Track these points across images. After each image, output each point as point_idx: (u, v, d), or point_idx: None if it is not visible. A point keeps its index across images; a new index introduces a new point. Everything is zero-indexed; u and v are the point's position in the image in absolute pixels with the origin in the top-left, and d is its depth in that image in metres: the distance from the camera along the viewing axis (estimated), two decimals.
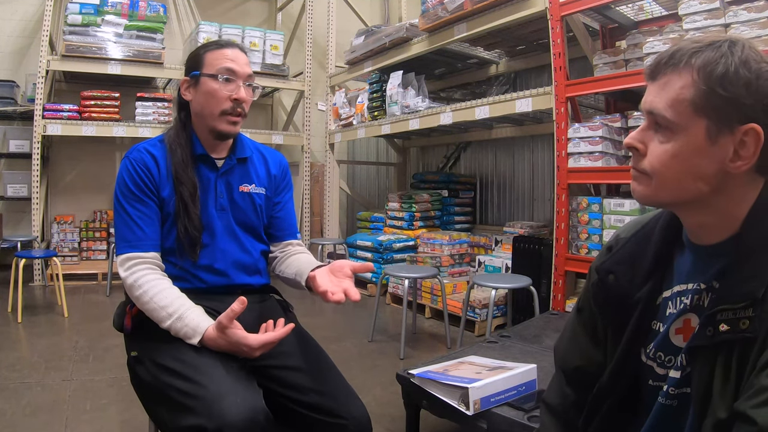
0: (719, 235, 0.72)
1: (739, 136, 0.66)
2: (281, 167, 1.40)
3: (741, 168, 0.67)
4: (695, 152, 0.68)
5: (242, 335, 1.04)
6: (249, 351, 1.05)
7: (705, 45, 0.68)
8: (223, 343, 1.05)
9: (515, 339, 2.03)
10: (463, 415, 1.34)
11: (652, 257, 0.79)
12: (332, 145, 4.98)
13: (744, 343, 0.65)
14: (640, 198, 0.75)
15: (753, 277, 0.66)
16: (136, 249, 1.15)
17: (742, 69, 0.65)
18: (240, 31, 4.66)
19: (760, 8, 2.10)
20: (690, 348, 0.71)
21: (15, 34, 4.61)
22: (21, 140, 4.43)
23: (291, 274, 1.29)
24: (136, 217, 1.17)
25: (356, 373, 2.39)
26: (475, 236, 4.00)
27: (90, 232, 4.71)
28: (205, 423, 0.93)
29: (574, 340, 0.91)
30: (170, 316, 1.08)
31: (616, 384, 0.80)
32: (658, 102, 0.70)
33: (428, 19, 3.45)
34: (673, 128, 0.69)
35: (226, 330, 1.04)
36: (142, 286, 1.11)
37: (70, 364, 2.47)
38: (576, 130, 2.61)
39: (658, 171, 0.71)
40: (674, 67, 0.69)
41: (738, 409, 0.61)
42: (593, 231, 2.58)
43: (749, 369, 0.63)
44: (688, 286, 0.75)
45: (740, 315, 0.65)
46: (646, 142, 0.73)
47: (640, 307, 0.78)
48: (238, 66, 1.22)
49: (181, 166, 1.20)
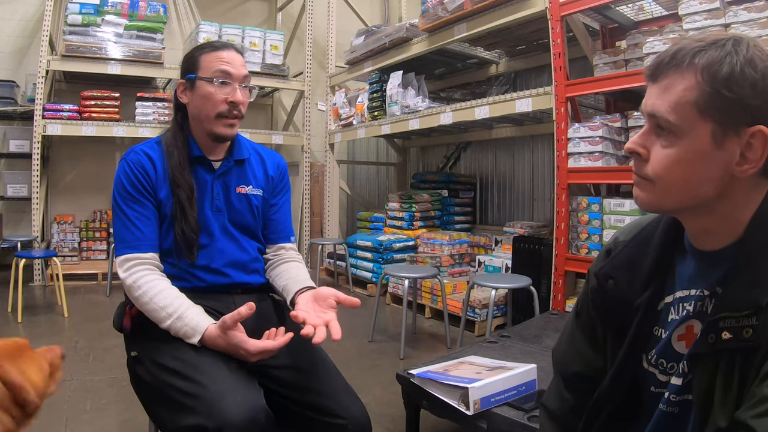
0: (723, 241, 0.70)
1: (746, 139, 0.64)
2: (279, 169, 1.39)
3: (748, 171, 0.65)
4: (700, 157, 0.65)
5: (242, 338, 1.04)
6: (246, 355, 1.05)
7: (708, 44, 0.65)
8: (223, 343, 1.05)
9: (515, 339, 2.03)
10: (463, 415, 1.34)
11: (653, 262, 0.77)
12: (332, 145, 4.98)
13: (746, 351, 0.63)
14: (643, 205, 0.72)
15: (757, 284, 0.63)
16: (134, 250, 1.16)
17: (748, 68, 0.62)
18: (240, 31, 4.66)
19: (760, 8, 2.10)
20: (691, 355, 0.69)
21: (15, 34, 4.61)
22: (21, 140, 4.43)
23: (279, 287, 1.29)
24: (133, 218, 1.17)
25: (356, 373, 2.39)
26: (475, 236, 4.00)
27: (90, 232, 4.71)
28: (206, 422, 0.93)
29: (572, 344, 0.90)
30: (170, 316, 1.08)
31: (616, 390, 0.78)
32: (661, 105, 0.67)
33: (428, 19, 3.45)
34: (677, 132, 0.66)
35: (229, 331, 1.04)
36: (141, 287, 1.12)
37: (70, 364, 2.46)
38: (576, 130, 2.61)
39: (662, 177, 0.68)
40: (677, 67, 0.66)
41: (738, 418, 0.60)
42: (593, 231, 2.58)
43: (751, 378, 0.62)
44: (690, 291, 0.73)
45: (743, 323, 0.63)
46: (648, 146, 0.70)
47: (640, 312, 0.76)
48: (234, 68, 1.22)
49: (178, 168, 1.20)
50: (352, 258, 4.29)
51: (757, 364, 0.62)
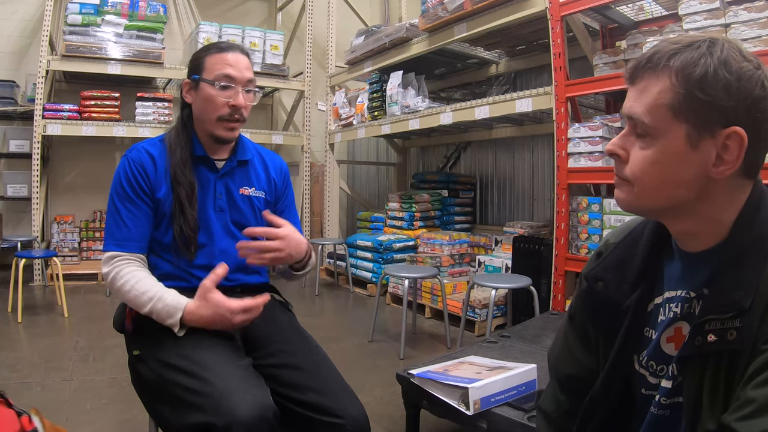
0: (706, 242, 0.69)
1: (722, 140, 0.63)
2: (282, 173, 1.41)
3: (724, 173, 0.65)
4: (676, 158, 0.65)
5: (222, 298, 1.07)
6: (230, 316, 1.07)
7: (684, 46, 0.65)
8: (205, 311, 1.08)
9: (515, 339, 2.03)
10: (463, 415, 1.34)
11: (641, 263, 0.77)
12: (332, 145, 4.98)
13: (732, 353, 0.63)
14: (623, 205, 0.73)
15: (739, 286, 0.63)
16: (121, 248, 1.18)
17: (722, 70, 0.62)
18: (240, 31, 4.66)
19: (760, 8, 2.10)
20: (680, 358, 0.69)
21: (15, 34, 4.61)
22: (21, 140, 4.42)
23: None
24: (126, 216, 1.18)
25: (356, 373, 2.39)
26: (475, 236, 4.00)
27: (90, 232, 4.71)
28: (214, 420, 0.92)
29: (566, 347, 0.90)
30: (151, 299, 1.10)
31: (608, 392, 0.78)
32: (637, 107, 0.67)
33: (428, 19, 3.45)
34: (653, 134, 0.66)
35: (208, 294, 1.07)
36: (123, 277, 1.13)
37: (70, 364, 2.47)
38: (576, 130, 2.61)
39: (639, 178, 0.68)
40: (652, 70, 0.66)
41: (724, 421, 0.60)
42: (593, 231, 2.58)
43: (737, 380, 0.62)
44: (677, 292, 0.73)
45: (728, 325, 0.63)
46: (627, 148, 0.70)
47: (630, 314, 0.76)
48: (238, 71, 1.22)
49: (179, 166, 1.21)
50: (352, 258, 4.29)
51: (743, 367, 0.61)
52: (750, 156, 0.64)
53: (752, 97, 0.62)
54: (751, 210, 0.67)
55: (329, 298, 4.11)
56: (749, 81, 0.62)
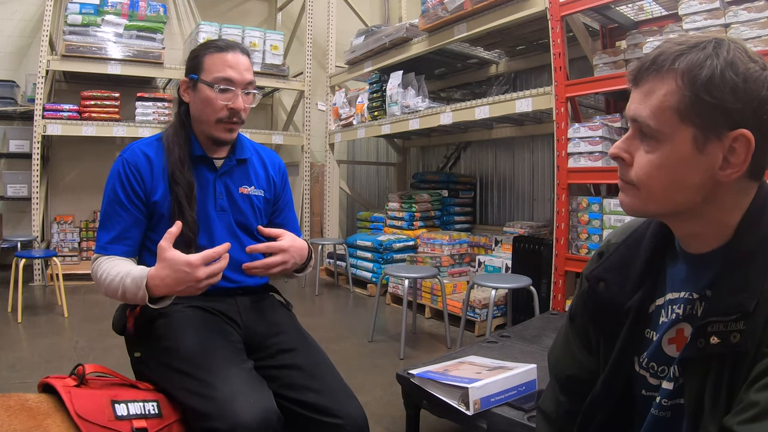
0: (711, 244, 0.69)
1: (728, 143, 0.62)
2: (280, 171, 1.39)
3: (732, 176, 0.64)
4: (682, 162, 0.64)
5: (179, 254, 0.98)
6: (191, 271, 0.97)
7: (689, 47, 0.64)
8: (165, 271, 0.98)
9: (515, 339, 2.03)
10: (463, 415, 1.34)
11: (643, 264, 0.76)
12: (332, 145, 4.98)
13: (735, 356, 0.62)
14: (629, 210, 0.72)
15: (744, 288, 0.63)
16: (106, 252, 1.17)
17: (729, 72, 0.61)
18: (240, 31, 4.66)
19: (760, 8, 2.10)
20: (682, 360, 0.69)
21: (15, 34, 4.61)
22: (21, 140, 4.42)
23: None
24: (116, 221, 1.17)
25: (356, 374, 2.39)
26: (475, 236, 4.00)
27: (90, 232, 4.71)
28: (218, 424, 0.92)
29: (566, 348, 0.89)
30: (122, 279, 1.06)
31: (608, 393, 0.78)
32: (642, 110, 0.66)
33: (428, 19, 3.45)
34: (658, 137, 0.65)
35: (165, 253, 0.98)
36: (101, 268, 1.13)
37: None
38: (576, 130, 2.61)
39: (645, 183, 0.67)
40: (657, 72, 0.65)
41: (726, 424, 0.59)
42: (593, 231, 2.58)
43: (740, 383, 0.61)
44: (680, 294, 0.73)
45: (731, 328, 0.62)
46: (631, 151, 0.69)
47: (631, 315, 0.75)
48: (237, 73, 1.19)
49: (177, 165, 1.18)
50: (352, 258, 4.29)
51: (746, 369, 0.61)
52: (756, 158, 0.63)
53: (759, 98, 0.61)
54: (757, 212, 0.66)
55: (329, 298, 4.10)
56: (756, 82, 0.61)
